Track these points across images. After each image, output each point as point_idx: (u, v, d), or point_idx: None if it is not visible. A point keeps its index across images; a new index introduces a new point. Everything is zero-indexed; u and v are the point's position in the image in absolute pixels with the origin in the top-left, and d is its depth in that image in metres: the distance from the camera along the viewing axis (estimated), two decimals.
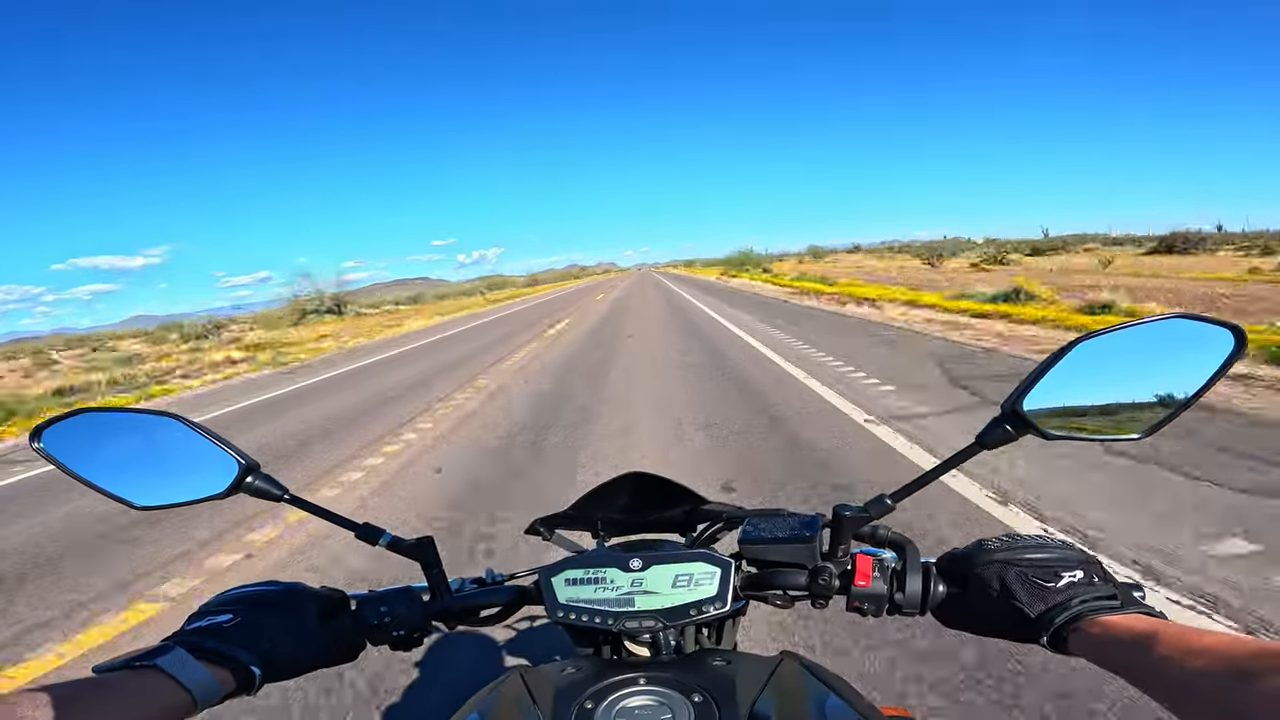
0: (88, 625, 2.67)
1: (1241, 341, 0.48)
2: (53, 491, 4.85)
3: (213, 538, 3.48)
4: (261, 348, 18.18)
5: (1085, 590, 0.50)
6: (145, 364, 16.68)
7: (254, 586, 0.58)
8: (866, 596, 0.57)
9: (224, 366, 14.66)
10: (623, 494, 0.71)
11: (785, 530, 0.61)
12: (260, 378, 12.21)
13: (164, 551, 3.39)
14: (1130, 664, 0.43)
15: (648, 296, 25.11)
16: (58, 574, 3.30)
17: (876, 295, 13.86)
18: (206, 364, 15.35)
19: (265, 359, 15.01)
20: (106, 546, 3.60)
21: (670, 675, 0.53)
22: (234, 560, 3.16)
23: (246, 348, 18.46)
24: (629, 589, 0.59)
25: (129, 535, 3.69)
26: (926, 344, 7.49)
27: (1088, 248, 43.93)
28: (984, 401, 4.64)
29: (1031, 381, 0.50)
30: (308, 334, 25.03)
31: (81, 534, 3.89)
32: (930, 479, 0.56)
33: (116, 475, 0.57)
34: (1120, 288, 9.53)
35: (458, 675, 1.90)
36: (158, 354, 20.37)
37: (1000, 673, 1.70)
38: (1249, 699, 0.33)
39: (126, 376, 13.78)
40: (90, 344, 33.30)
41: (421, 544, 0.63)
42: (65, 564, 3.44)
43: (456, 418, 5.91)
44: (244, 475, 0.57)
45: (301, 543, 3.24)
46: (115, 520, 3.91)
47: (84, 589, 3.05)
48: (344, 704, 1.87)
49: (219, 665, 0.50)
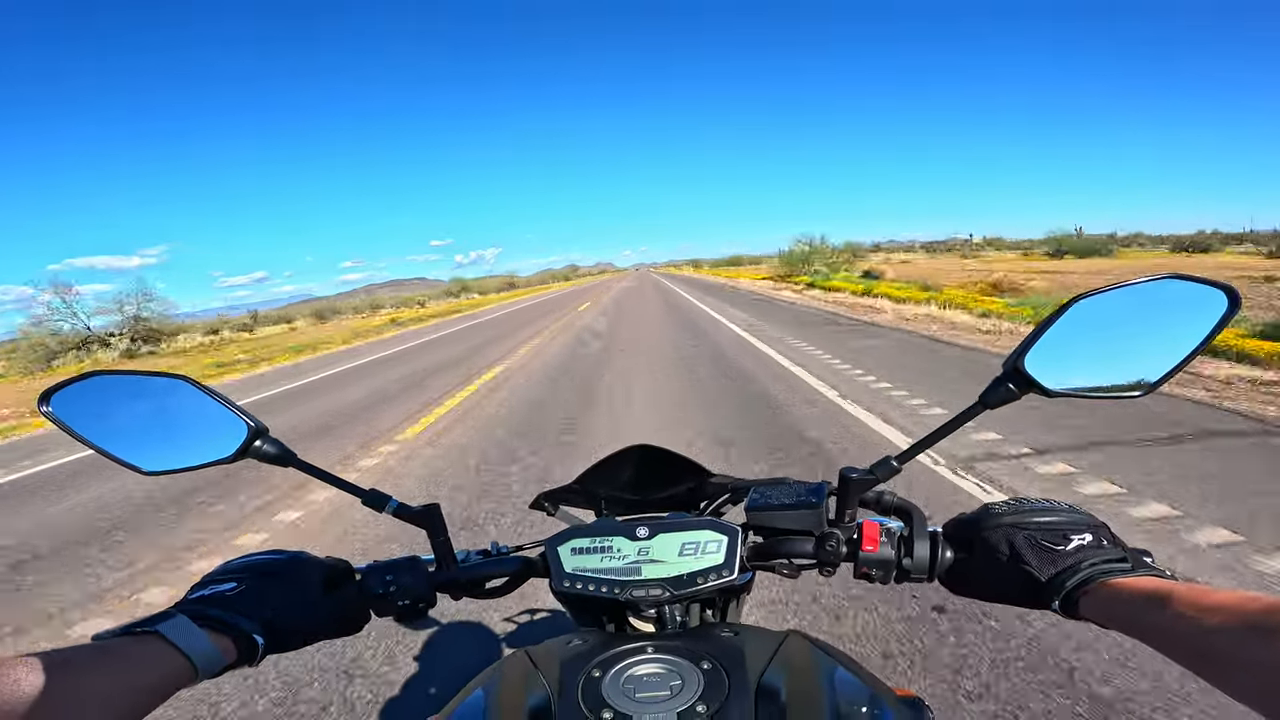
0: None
1: (1235, 301, 0.49)
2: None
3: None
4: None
5: (1095, 553, 0.49)
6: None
7: (259, 555, 0.57)
8: (875, 562, 0.57)
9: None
10: (628, 468, 0.70)
11: (791, 497, 0.61)
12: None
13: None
14: (1144, 625, 0.42)
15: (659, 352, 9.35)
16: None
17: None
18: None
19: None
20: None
21: (678, 644, 0.52)
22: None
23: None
24: (636, 558, 0.58)
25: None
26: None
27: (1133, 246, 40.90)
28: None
29: (1032, 340, 0.51)
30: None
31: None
32: (934, 440, 0.57)
33: (124, 439, 0.56)
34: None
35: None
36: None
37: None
38: (1267, 654, 0.33)
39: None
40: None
41: (428, 511, 0.63)
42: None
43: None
44: (252, 439, 0.57)
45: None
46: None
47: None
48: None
49: (222, 634, 0.49)
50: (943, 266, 28.41)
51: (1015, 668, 1.70)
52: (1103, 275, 17.12)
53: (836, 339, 8.25)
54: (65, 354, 22.62)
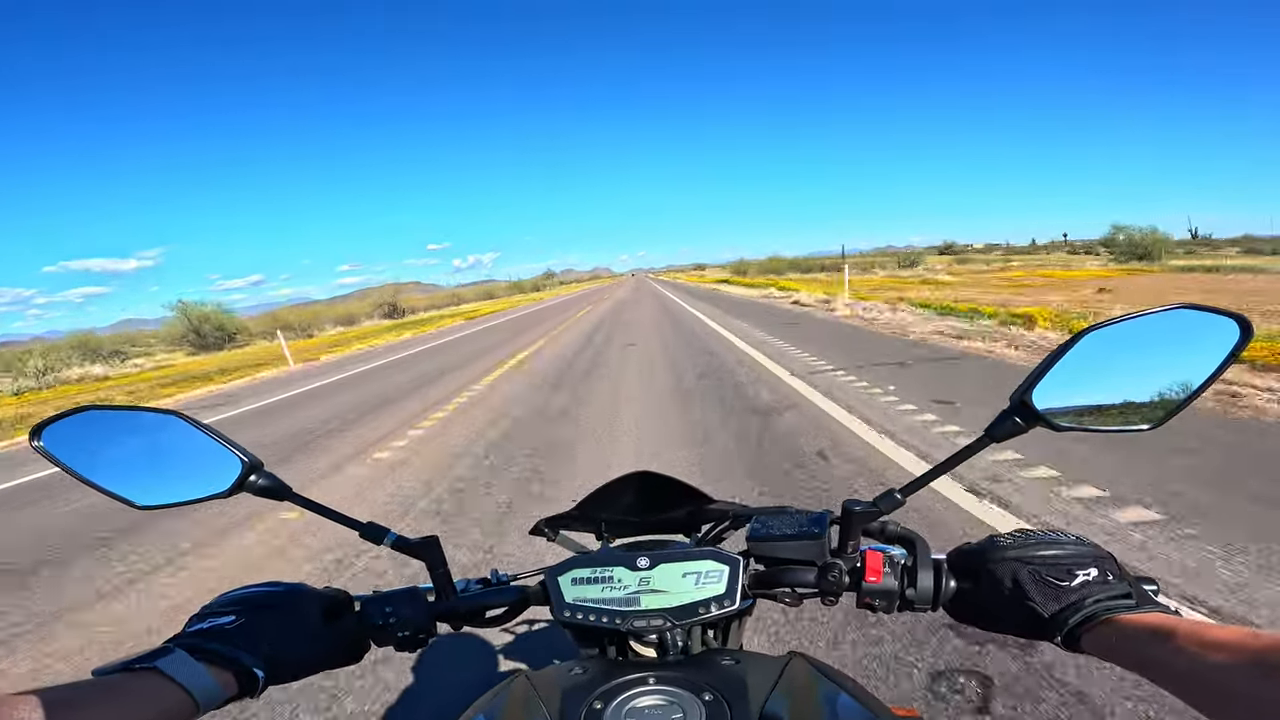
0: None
1: (1247, 330, 0.48)
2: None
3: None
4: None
5: (1100, 589, 0.49)
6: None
7: (256, 587, 0.57)
8: (877, 593, 0.57)
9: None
10: (628, 493, 0.70)
11: (794, 527, 0.61)
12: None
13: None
14: (1146, 661, 0.42)
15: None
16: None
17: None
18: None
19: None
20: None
21: (680, 674, 0.52)
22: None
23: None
24: (636, 588, 0.58)
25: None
26: None
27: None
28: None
29: (1040, 373, 0.50)
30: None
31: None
32: (939, 474, 0.56)
33: (118, 474, 0.56)
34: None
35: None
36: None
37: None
38: (1270, 692, 0.33)
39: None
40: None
41: (427, 543, 0.62)
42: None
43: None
44: (248, 474, 0.57)
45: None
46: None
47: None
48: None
49: (221, 667, 0.49)
50: (1028, 282, 20.03)
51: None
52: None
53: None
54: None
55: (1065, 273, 27.49)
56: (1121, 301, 12.14)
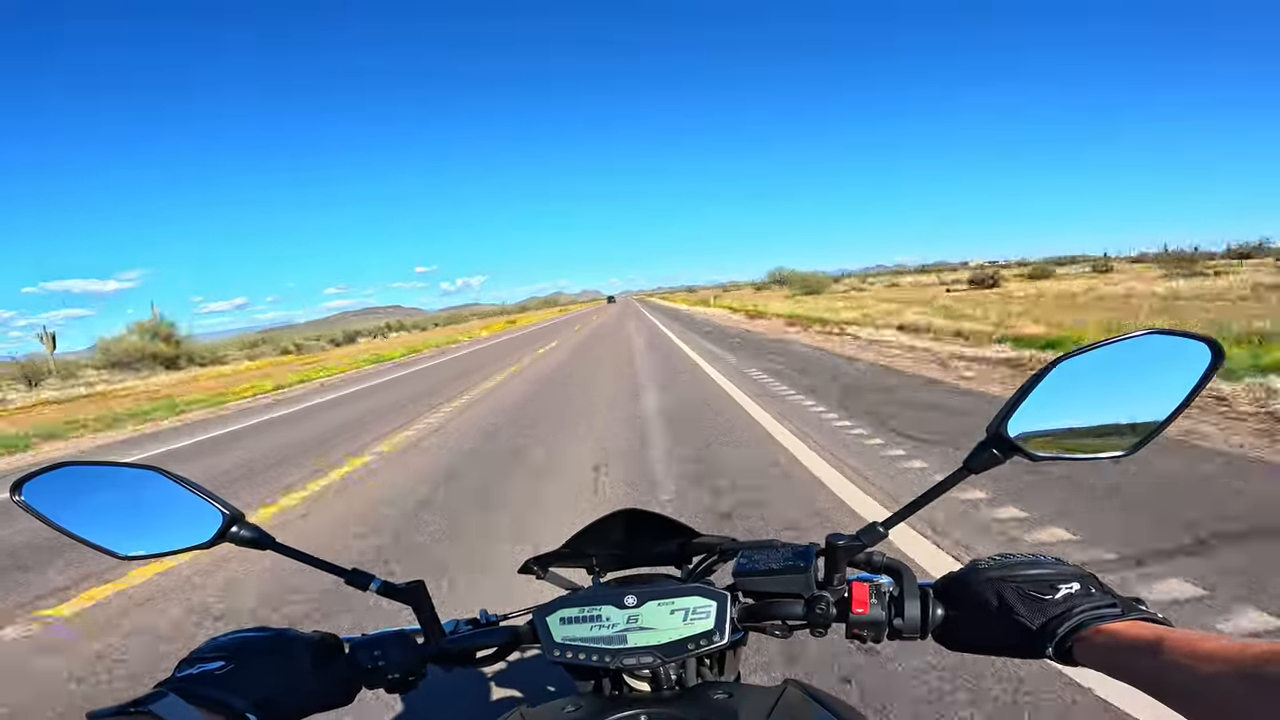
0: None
1: (1218, 353, 0.48)
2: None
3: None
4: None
5: (1085, 600, 0.49)
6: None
7: (244, 633, 0.57)
8: (865, 623, 0.57)
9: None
10: (616, 530, 0.71)
11: (779, 561, 0.61)
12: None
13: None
14: (1138, 670, 0.42)
15: None
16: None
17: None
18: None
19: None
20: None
21: (673, 710, 0.52)
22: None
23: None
24: (625, 626, 0.58)
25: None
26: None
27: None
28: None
29: (1014, 404, 0.51)
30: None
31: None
32: (919, 506, 0.56)
33: (100, 526, 0.56)
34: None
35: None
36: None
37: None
38: (1260, 703, 0.33)
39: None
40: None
41: (412, 588, 0.62)
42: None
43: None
44: (228, 525, 0.57)
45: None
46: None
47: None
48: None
49: (213, 711, 0.49)
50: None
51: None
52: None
53: None
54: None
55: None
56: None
